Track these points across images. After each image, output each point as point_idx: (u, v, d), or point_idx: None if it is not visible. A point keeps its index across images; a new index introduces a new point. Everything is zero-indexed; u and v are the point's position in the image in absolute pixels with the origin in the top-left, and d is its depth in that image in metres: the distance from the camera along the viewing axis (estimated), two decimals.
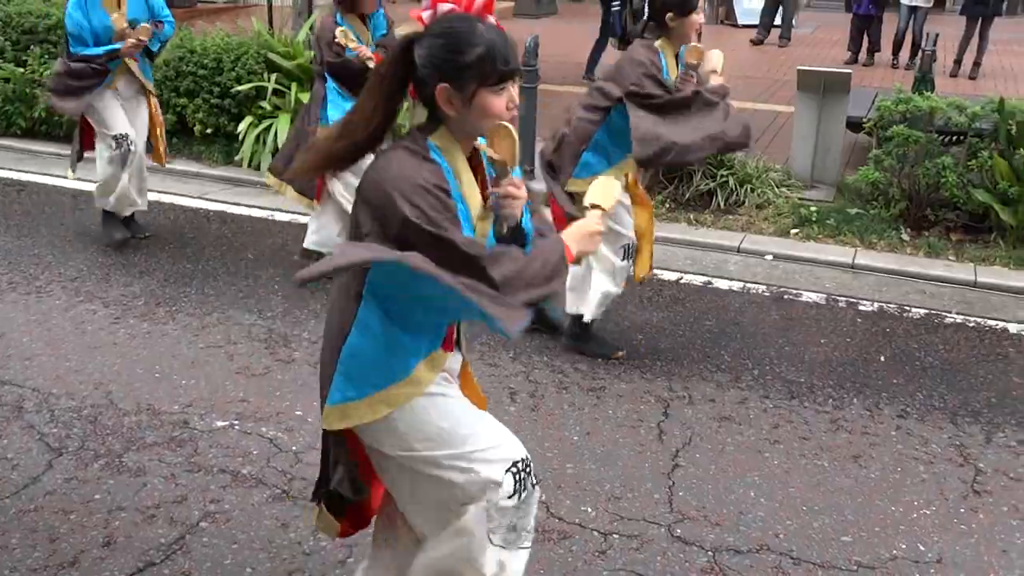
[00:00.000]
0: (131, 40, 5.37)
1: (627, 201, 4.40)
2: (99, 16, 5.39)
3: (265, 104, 7.41)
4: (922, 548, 3.33)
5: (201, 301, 5.15)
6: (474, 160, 2.25)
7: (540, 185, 4.73)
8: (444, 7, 2.20)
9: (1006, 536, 3.41)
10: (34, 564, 3.07)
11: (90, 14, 5.37)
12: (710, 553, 3.25)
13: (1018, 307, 5.40)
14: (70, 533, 3.24)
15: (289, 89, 7.43)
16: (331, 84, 5.13)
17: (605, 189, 2.40)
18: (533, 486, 2.35)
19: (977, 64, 11.49)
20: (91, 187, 6.02)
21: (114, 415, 3.95)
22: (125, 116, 5.69)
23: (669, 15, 4.17)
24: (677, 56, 4.33)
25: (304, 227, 5.77)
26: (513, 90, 2.17)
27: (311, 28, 7.59)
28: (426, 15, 2.17)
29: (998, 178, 6.07)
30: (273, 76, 7.50)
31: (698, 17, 4.26)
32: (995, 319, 5.25)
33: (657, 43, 4.26)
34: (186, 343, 4.65)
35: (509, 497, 2.28)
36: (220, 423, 3.94)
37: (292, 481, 3.56)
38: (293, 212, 6.41)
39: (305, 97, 7.29)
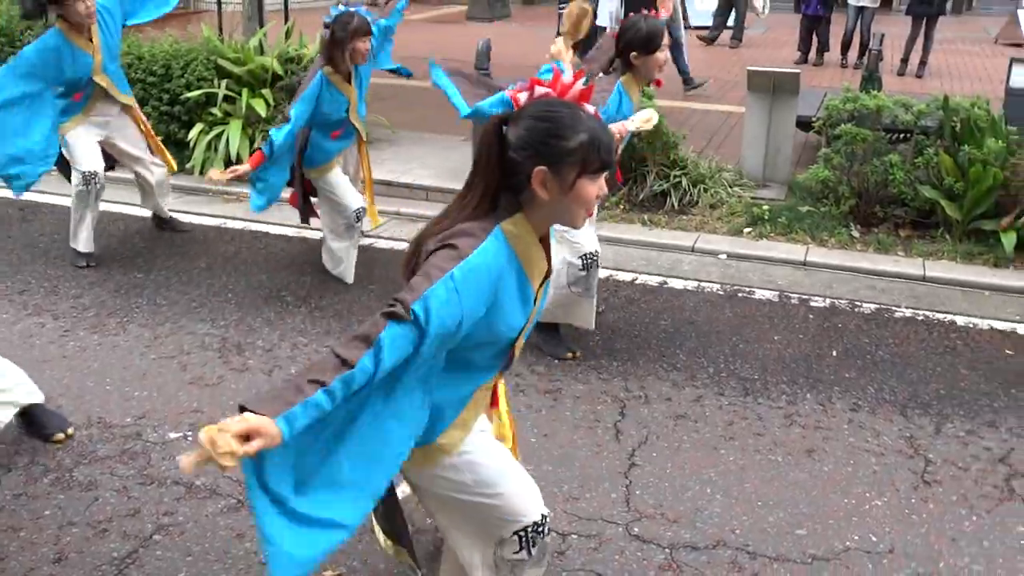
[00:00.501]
0: None
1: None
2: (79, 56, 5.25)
3: (216, 111, 7.35)
4: (874, 539, 3.38)
5: (153, 311, 5.09)
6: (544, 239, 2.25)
7: None
8: (540, 90, 2.18)
9: (955, 525, 3.47)
10: None
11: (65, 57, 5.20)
12: (667, 550, 3.28)
13: (965, 300, 5.51)
14: (19, 551, 3.18)
15: (240, 95, 7.37)
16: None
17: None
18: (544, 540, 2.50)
19: (923, 63, 11.70)
20: (39, 198, 5.94)
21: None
22: (97, 152, 5.56)
23: (633, 54, 4.29)
24: (643, 91, 4.43)
25: (258, 235, 5.74)
26: (601, 180, 2.15)
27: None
28: (522, 96, 2.16)
29: (944, 174, 6.17)
30: (223, 82, 7.44)
31: (662, 55, 4.35)
32: (943, 312, 5.33)
33: (621, 79, 4.36)
34: (138, 354, 4.60)
35: (516, 553, 2.44)
36: (173, 434, 3.90)
37: (247, 491, 3.53)
38: (245, 220, 6.37)
39: (257, 103, 7.28)
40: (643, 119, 4.30)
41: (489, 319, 2.11)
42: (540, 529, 2.45)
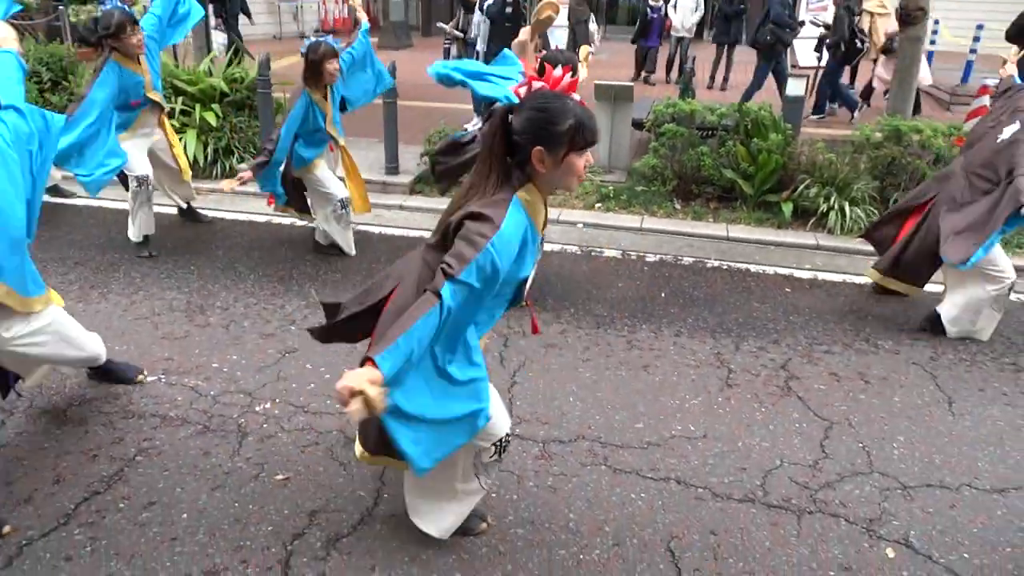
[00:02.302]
0: None
1: None
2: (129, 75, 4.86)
3: (174, 121, 7.00)
4: (692, 428, 3.51)
5: (128, 283, 4.87)
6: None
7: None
8: (537, 85, 2.15)
9: (749, 415, 3.63)
10: None
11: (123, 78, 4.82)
12: (541, 445, 3.34)
13: (757, 253, 5.71)
14: (24, 476, 3.04)
15: (194, 109, 7.05)
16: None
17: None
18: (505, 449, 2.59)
19: (726, 79, 12.01)
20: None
21: (57, 378, 3.69)
22: (147, 159, 5.17)
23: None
24: None
25: (214, 220, 5.53)
26: (588, 154, 2.14)
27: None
28: (523, 90, 2.13)
29: (740, 161, 6.36)
30: (179, 99, 7.11)
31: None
32: (741, 263, 5.52)
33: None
34: (116, 317, 4.40)
35: (491, 457, 2.57)
36: (150, 378, 3.76)
37: (212, 418, 3.45)
38: (204, 208, 6.13)
39: (208, 116, 6.99)
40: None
41: (511, 272, 2.15)
42: (509, 439, 2.57)
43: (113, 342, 4.08)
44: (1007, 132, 4.07)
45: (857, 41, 9.50)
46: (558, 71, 2.19)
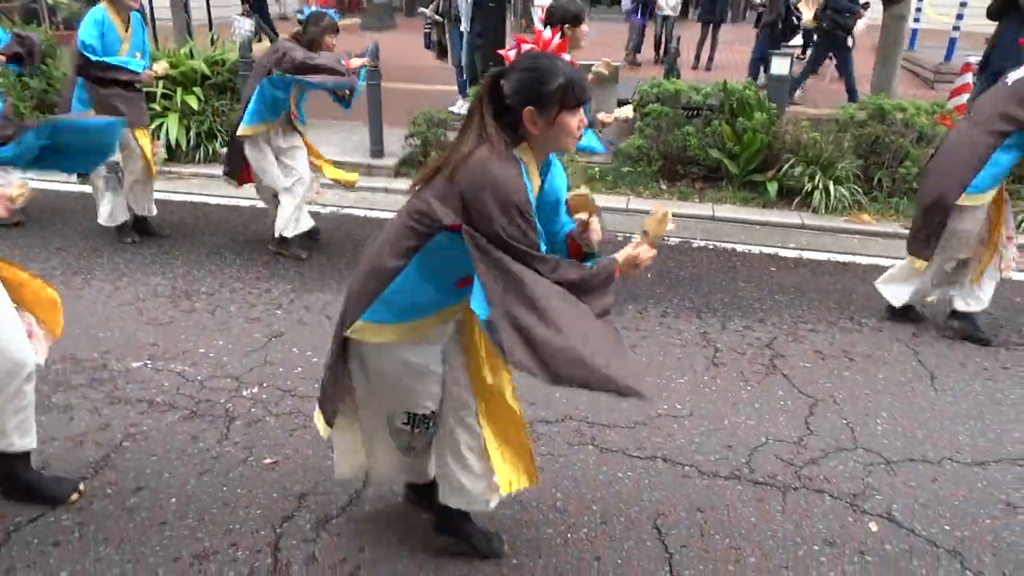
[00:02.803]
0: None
1: None
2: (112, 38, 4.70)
3: (155, 106, 6.93)
4: (679, 407, 3.54)
5: (112, 269, 4.83)
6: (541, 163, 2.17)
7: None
8: (526, 47, 2.12)
9: (735, 393, 3.67)
10: None
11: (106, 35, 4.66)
12: (529, 424, 3.31)
13: (742, 233, 5.74)
14: None
15: (175, 93, 6.98)
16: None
17: (660, 221, 2.14)
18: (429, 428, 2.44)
19: (711, 59, 12.00)
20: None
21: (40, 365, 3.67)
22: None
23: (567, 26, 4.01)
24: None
25: (199, 205, 5.48)
26: (581, 113, 2.09)
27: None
28: (511, 53, 2.11)
29: (725, 140, 6.39)
30: (161, 82, 7.01)
31: (585, 28, 4.10)
32: (727, 242, 5.55)
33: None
34: (101, 303, 4.37)
35: (404, 424, 2.40)
36: (135, 364, 3.74)
37: (199, 403, 3.44)
38: (188, 193, 6.08)
39: (190, 99, 6.91)
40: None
41: None
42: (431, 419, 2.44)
43: (98, 328, 4.06)
44: (1012, 77, 3.93)
45: (793, 18, 9.49)
46: (547, 32, 2.18)
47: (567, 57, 2.12)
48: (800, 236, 5.69)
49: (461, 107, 8.13)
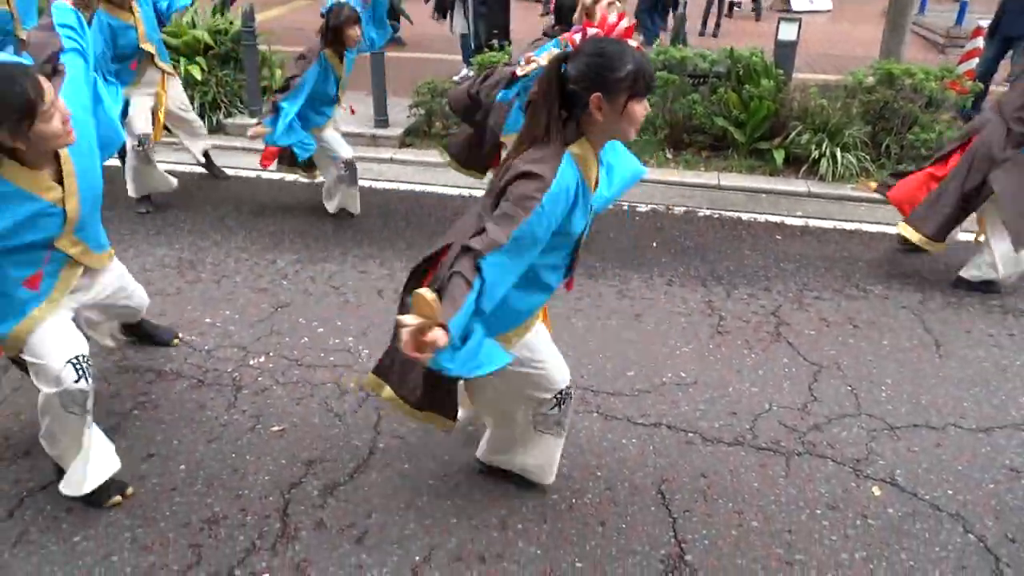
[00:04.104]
0: None
1: None
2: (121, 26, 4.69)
3: None
4: (683, 375, 3.55)
5: (117, 240, 4.81)
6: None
7: None
8: (592, 31, 2.09)
9: (739, 361, 3.67)
10: None
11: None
12: None
13: (748, 201, 5.70)
14: (21, 430, 3.07)
15: (178, 63, 6.91)
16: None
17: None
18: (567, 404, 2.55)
19: (718, 25, 11.85)
20: None
21: None
22: (149, 117, 5.06)
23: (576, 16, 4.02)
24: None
25: (204, 176, 5.45)
26: (646, 100, 2.06)
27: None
28: (576, 37, 2.08)
29: (731, 108, 6.31)
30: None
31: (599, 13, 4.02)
32: (733, 211, 5.52)
33: (559, 38, 4.12)
34: None
35: (551, 409, 2.54)
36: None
37: (206, 373, 3.47)
38: (191, 164, 6.06)
39: (193, 69, 6.86)
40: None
41: (562, 225, 2.09)
42: (570, 392, 2.54)
43: None
44: None
45: None
46: (613, 17, 2.14)
47: (633, 43, 2.08)
48: (806, 204, 5.65)
49: (465, 76, 8.06)
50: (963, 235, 4.62)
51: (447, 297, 1.88)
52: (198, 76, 6.84)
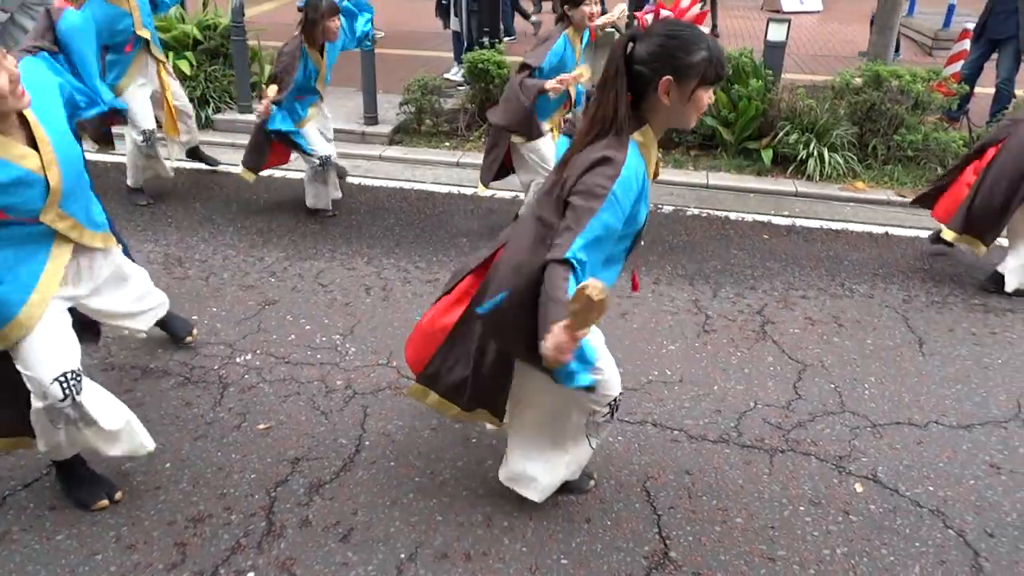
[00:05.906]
0: None
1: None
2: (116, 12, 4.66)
3: None
4: (669, 372, 3.56)
5: None
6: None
7: None
8: (665, 13, 2.06)
9: (725, 359, 3.69)
10: None
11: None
12: None
13: (736, 201, 5.72)
14: None
15: (167, 57, 6.87)
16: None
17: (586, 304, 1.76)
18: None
19: (714, 25, 11.87)
20: None
21: None
22: (150, 109, 5.07)
23: (566, 6, 4.15)
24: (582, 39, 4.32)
25: (190, 171, 5.43)
26: (711, 89, 2.03)
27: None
28: (648, 18, 2.05)
29: (720, 107, 6.33)
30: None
31: (587, 8, 4.12)
32: (721, 210, 5.53)
33: (566, 31, 4.21)
34: None
35: (604, 417, 2.52)
36: (127, 331, 3.73)
37: (193, 370, 3.46)
38: (179, 160, 6.02)
39: (182, 64, 6.82)
40: (577, 73, 4.22)
41: (631, 214, 2.05)
42: (620, 400, 2.53)
43: None
44: None
45: None
46: (686, 1, 2.12)
47: (704, 29, 2.07)
48: (794, 204, 5.68)
49: (456, 73, 8.05)
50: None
51: (552, 320, 1.82)
52: (187, 71, 6.80)
